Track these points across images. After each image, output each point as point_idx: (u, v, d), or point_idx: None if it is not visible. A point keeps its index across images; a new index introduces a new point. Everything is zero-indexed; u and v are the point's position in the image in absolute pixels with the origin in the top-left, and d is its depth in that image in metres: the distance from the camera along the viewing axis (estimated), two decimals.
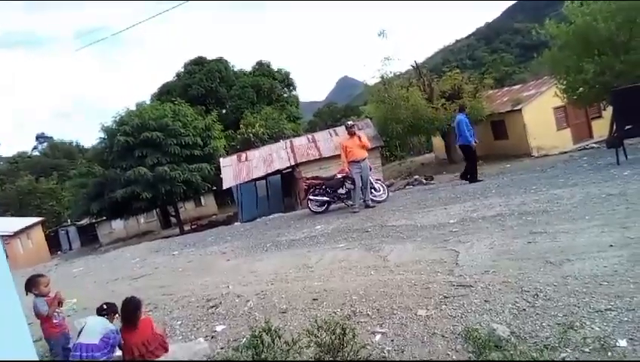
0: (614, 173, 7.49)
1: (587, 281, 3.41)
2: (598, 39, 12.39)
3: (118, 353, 3.55)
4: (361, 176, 9.45)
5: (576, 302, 3.12)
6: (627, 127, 8.44)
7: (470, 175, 10.75)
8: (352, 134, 9.71)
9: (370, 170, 10.05)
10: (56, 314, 3.62)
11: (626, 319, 2.76)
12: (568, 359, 2.48)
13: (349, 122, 10.89)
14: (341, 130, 19.05)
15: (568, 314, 2.97)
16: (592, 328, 2.74)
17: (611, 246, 4.01)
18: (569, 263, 3.85)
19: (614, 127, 8.97)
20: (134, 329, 3.30)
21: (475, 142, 10.77)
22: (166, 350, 3.41)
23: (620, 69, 12.08)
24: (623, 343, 2.51)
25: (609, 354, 2.45)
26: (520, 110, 19.93)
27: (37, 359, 1.76)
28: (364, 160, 9.51)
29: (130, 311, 3.35)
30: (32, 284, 3.64)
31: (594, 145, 17.90)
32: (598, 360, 2.42)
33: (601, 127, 18.43)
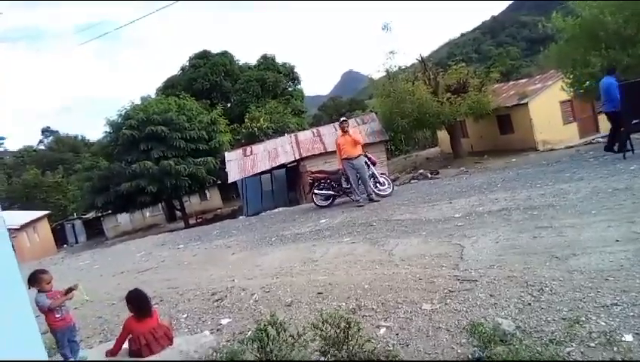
0: (621, 168, 7.44)
1: (593, 276, 3.40)
2: (605, 33, 12.25)
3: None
4: (358, 173, 9.38)
5: (581, 297, 3.11)
6: (634, 121, 8.38)
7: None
8: (344, 131, 9.63)
9: (375, 164, 10.01)
10: (58, 308, 3.64)
11: (631, 314, 2.75)
12: (574, 353, 2.47)
13: (342, 118, 10.75)
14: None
15: (574, 309, 2.96)
16: (598, 323, 2.73)
17: (617, 241, 3.99)
18: (575, 258, 3.83)
19: (621, 121, 8.89)
20: (148, 316, 3.39)
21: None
22: (170, 340, 3.45)
23: (627, 63, 11.95)
24: (628, 338, 2.51)
25: (615, 348, 2.44)
26: (526, 104, 19.80)
27: (45, 355, 1.75)
28: (357, 157, 9.37)
29: (140, 301, 3.44)
30: (34, 279, 3.67)
31: (600, 139, 17.75)
32: (604, 355, 2.42)
33: (608, 122, 18.27)
